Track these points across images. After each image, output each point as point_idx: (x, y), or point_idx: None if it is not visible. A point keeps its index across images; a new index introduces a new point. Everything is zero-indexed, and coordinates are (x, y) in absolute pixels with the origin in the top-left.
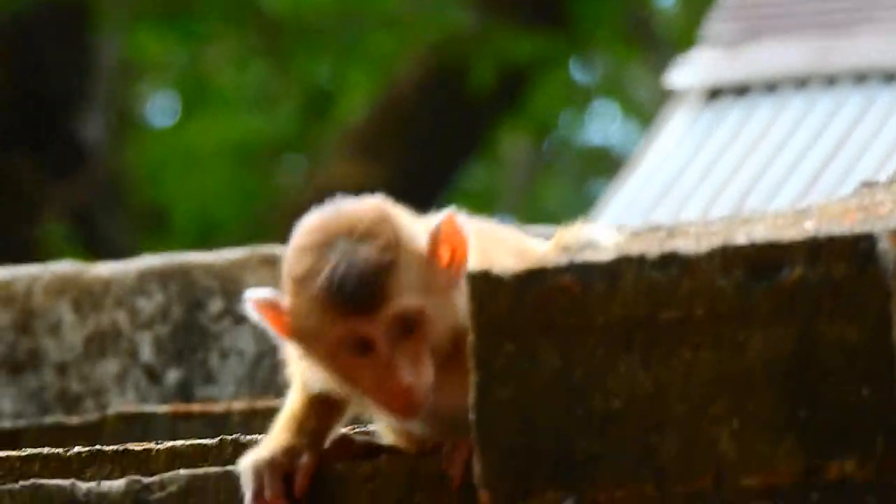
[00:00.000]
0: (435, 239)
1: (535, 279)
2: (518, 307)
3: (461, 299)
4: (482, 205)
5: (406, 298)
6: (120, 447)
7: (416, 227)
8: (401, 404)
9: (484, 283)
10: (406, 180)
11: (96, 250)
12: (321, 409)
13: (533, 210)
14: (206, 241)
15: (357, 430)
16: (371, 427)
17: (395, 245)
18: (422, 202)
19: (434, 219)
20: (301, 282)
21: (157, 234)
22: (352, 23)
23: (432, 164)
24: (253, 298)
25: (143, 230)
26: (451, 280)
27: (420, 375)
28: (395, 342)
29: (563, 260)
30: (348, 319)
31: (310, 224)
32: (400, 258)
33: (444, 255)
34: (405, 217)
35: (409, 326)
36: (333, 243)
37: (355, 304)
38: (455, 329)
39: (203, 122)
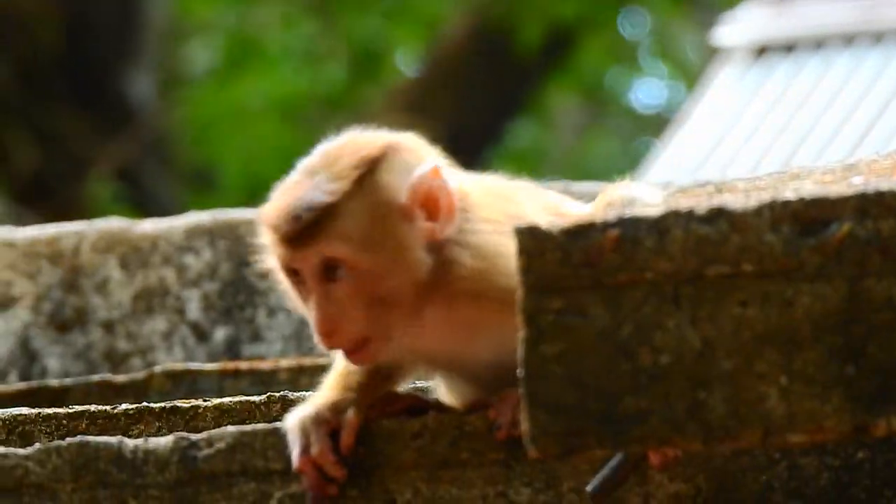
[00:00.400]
0: (413, 193)
1: (582, 234)
2: (565, 263)
3: (429, 258)
4: (529, 163)
5: (334, 246)
6: (167, 404)
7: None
8: (326, 343)
9: (530, 239)
10: (453, 138)
11: (144, 209)
12: (369, 366)
13: (580, 168)
14: (253, 198)
15: (411, 387)
16: (424, 385)
17: (350, 189)
18: (469, 159)
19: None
20: (264, 209)
21: (204, 192)
22: None
23: (480, 122)
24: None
25: (190, 188)
26: (430, 235)
27: (350, 321)
28: (322, 282)
29: (610, 215)
30: (280, 248)
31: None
32: (350, 203)
33: (425, 209)
34: (413, 165)
35: (339, 272)
36: (300, 178)
37: (284, 236)
38: (415, 277)
39: (250, 80)
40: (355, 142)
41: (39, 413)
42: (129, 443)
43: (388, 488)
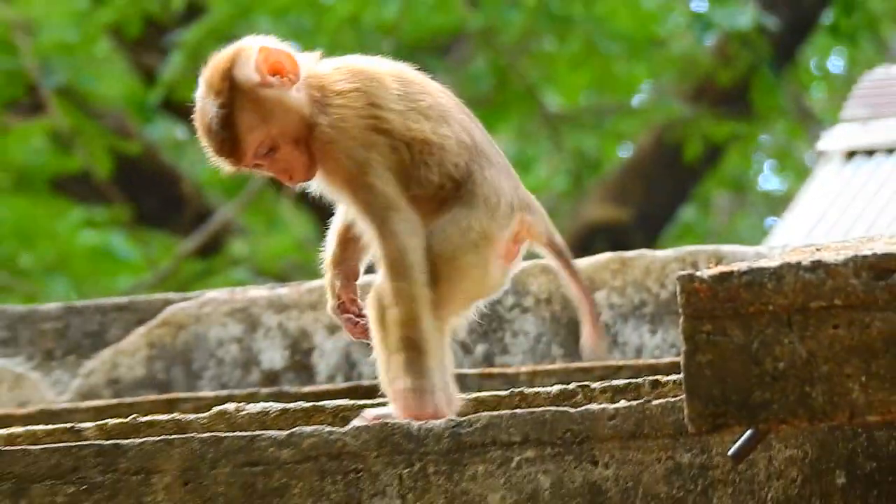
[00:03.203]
0: (259, 68)
1: (725, 279)
2: (713, 298)
3: (299, 94)
4: (695, 237)
5: (251, 141)
6: None
7: (253, 58)
8: (291, 183)
9: (689, 282)
10: (642, 219)
11: None
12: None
13: (731, 238)
14: None
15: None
16: None
17: (231, 96)
18: (653, 235)
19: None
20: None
21: None
22: (609, 112)
23: (661, 208)
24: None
25: None
26: (290, 83)
27: (295, 166)
28: (271, 158)
29: (744, 266)
30: (230, 162)
31: (209, 64)
32: (236, 103)
33: (276, 72)
34: (253, 49)
35: (271, 148)
36: (203, 101)
37: (225, 159)
38: (303, 120)
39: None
40: (218, 58)
41: (355, 404)
42: (416, 423)
43: (593, 454)
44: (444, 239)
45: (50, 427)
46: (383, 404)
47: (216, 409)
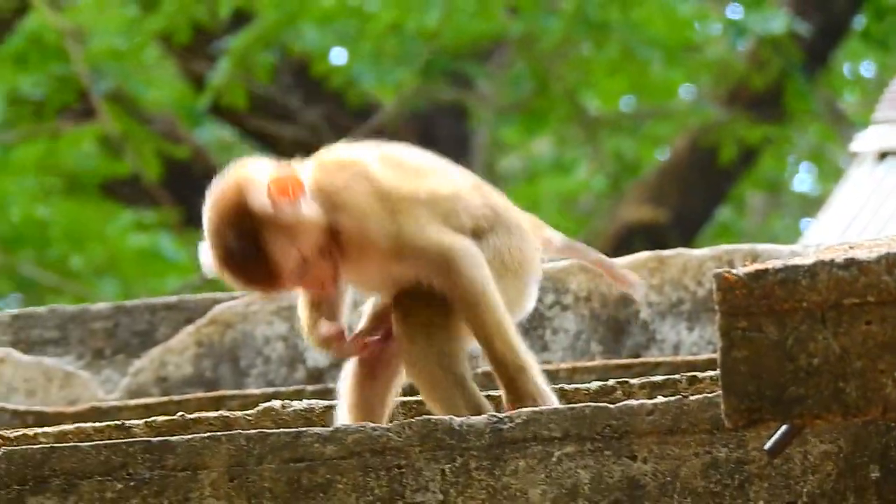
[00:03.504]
0: (271, 195)
1: (760, 277)
2: (749, 296)
3: (311, 206)
4: (730, 237)
5: (286, 266)
6: (485, 393)
7: (264, 181)
8: (324, 294)
9: (726, 280)
10: (679, 219)
11: None
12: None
13: (765, 238)
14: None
15: None
16: None
17: (252, 228)
18: (689, 235)
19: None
20: (216, 267)
21: None
22: (646, 116)
23: (697, 209)
24: (202, 253)
25: None
26: (301, 204)
27: (326, 275)
28: (304, 275)
29: (779, 264)
30: (264, 291)
31: (208, 205)
32: (261, 234)
33: (285, 193)
34: (256, 183)
35: (305, 263)
36: (222, 240)
37: (262, 288)
38: (321, 228)
39: (544, 182)
40: (223, 191)
41: (399, 401)
42: (457, 419)
43: (632, 449)
44: (488, 264)
45: (99, 424)
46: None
47: (262, 405)
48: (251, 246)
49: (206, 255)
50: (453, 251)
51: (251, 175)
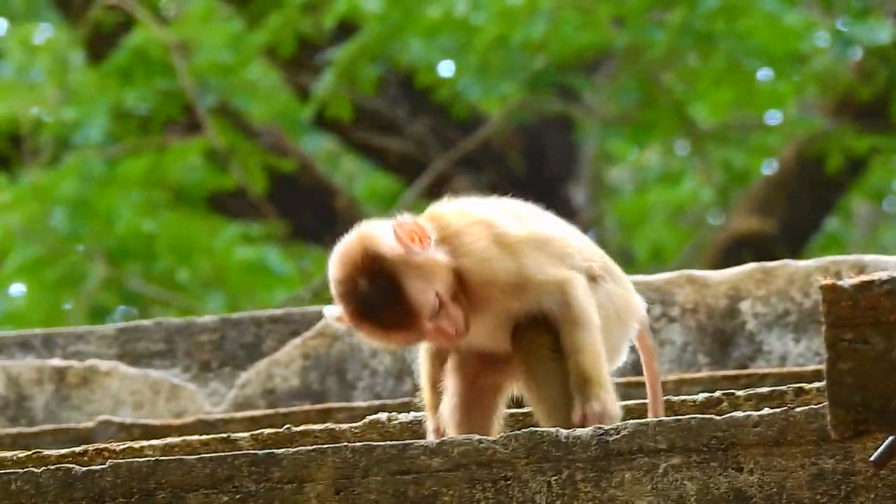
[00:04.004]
0: (400, 239)
1: (866, 289)
2: (855, 307)
3: (438, 254)
4: (838, 248)
5: (425, 305)
6: None
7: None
8: (453, 342)
9: (832, 292)
10: (787, 230)
11: None
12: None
13: (873, 249)
14: (654, 268)
15: None
16: None
17: (386, 270)
18: (797, 246)
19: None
20: (352, 321)
21: (627, 267)
22: (752, 127)
23: (804, 220)
24: (328, 314)
25: (617, 265)
26: (428, 249)
27: (458, 321)
28: (435, 321)
29: (885, 275)
30: (403, 340)
31: (335, 263)
32: (396, 276)
33: (412, 240)
34: (382, 232)
35: (440, 305)
36: (356, 290)
37: (401, 332)
38: (451, 268)
39: (652, 192)
40: (349, 245)
41: (506, 413)
42: (564, 432)
43: (738, 460)
44: (599, 307)
45: (206, 437)
46: (532, 412)
47: (369, 418)
48: (388, 290)
49: (339, 314)
50: (569, 281)
51: (374, 226)
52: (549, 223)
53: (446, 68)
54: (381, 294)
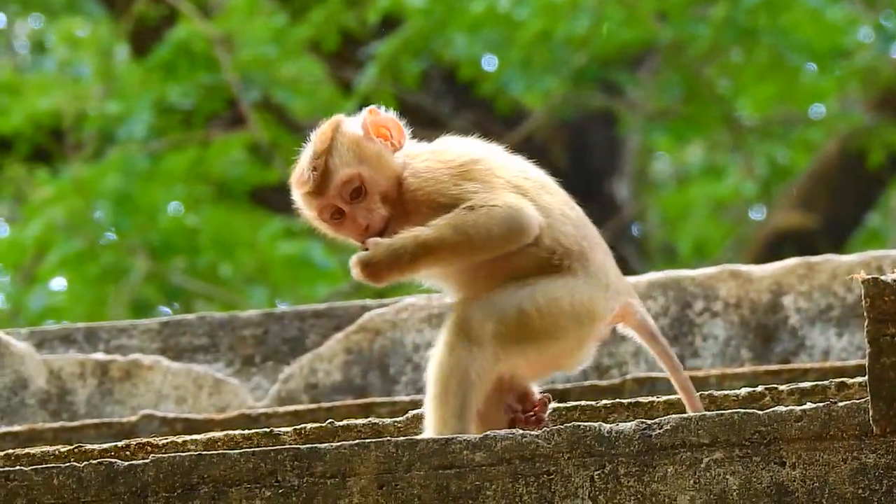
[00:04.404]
0: (365, 125)
1: None
2: None
3: (409, 172)
4: (878, 243)
5: (343, 171)
6: (633, 400)
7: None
8: (363, 238)
9: (874, 287)
10: (829, 225)
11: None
12: None
13: None
14: (697, 263)
15: None
16: None
17: (331, 142)
18: (839, 241)
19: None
20: (292, 184)
21: (669, 262)
22: (796, 122)
23: (847, 215)
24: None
25: (659, 260)
26: (389, 145)
27: (374, 218)
28: (350, 203)
29: None
30: (315, 200)
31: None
32: (337, 144)
33: (378, 132)
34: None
35: (357, 191)
36: (300, 160)
37: (313, 188)
38: (396, 178)
39: (695, 188)
40: (319, 128)
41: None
42: (606, 426)
43: (780, 455)
44: (552, 300)
45: (248, 432)
46: (574, 407)
47: (412, 413)
48: (323, 150)
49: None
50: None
51: (360, 112)
52: (535, 188)
53: (489, 63)
54: (313, 153)
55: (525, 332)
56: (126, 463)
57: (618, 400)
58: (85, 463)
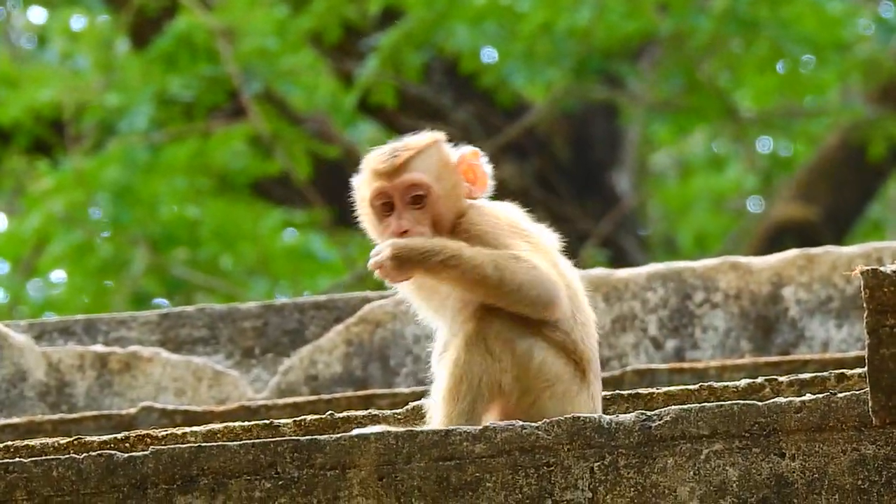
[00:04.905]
0: (461, 158)
1: None
2: None
3: (473, 210)
4: (878, 234)
5: (417, 175)
6: (633, 392)
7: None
8: (394, 234)
9: (873, 278)
10: (830, 217)
11: (621, 265)
12: None
13: None
14: (700, 255)
15: None
16: None
17: (425, 147)
18: (840, 232)
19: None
20: (366, 159)
21: (669, 254)
22: (796, 114)
23: (848, 206)
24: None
25: (659, 252)
26: (468, 189)
27: (416, 230)
28: (406, 204)
29: None
30: (379, 181)
31: None
32: (427, 154)
33: (467, 172)
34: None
35: (419, 198)
36: (389, 146)
37: (384, 170)
38: (455, 214)
39: (696, 180)
40: (421, 132)
41: None
42: (606, 417)
43: (780, 446)
44: (547, 368)
45: (248, 423)
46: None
47: (412, 404)
48: (416, 147)
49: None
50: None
51: (470, 148)
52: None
53: (488, 55)
54: (405, 148)
55: (524, 378)
56: (125, 455)
57: (617, 391)
58: (84, 455)
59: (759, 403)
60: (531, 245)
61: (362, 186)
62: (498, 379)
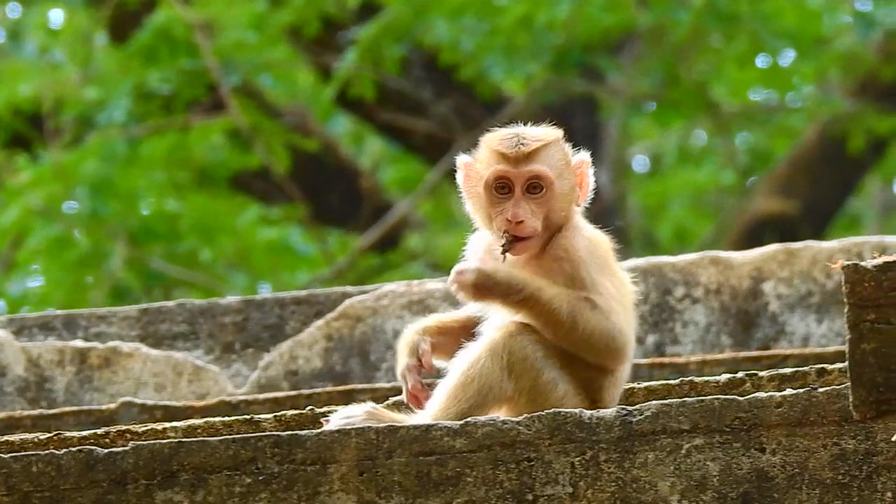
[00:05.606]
0: (579, 161)
1: (888, 269)
2: (877, 288)
3: (575, 230)
4: (856, 228)
5: (541, 168)
6: None
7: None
8: (512, 229)
9: (854, 273)
10: (809, 211)
11: None
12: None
13: (890, 228)
14: (679, 251)
15: None
16: None
17: (554, 142)
18: (819, 226)
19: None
20: (488, 140)
21: (650, 249)
22: (776, 109)
23: (827, 201)
24: (459, 160)
25: (640, 247)
26: (575, 191)
27: (530, 220)
28: (524, 192)
29: None
30: (502, 164)
31: None
32: (553, 148)
33: (579, 178)
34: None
35: (538, 189)
36: (516, 130)
37: (512, 155)
38: (563, 217)
39: (672, 176)
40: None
41: None
42: (587, 413)
43: (761, 441)
44: (565, 405)
45: (228, 419)
46: None
47: (392, 399)
48: (549, 137)
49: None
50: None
51: (587, 155)
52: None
53: (468, 46)
54: (535, 138)
55: (538, 406)
56: (106, 450)
57: None
58: (64, 450)
59: (740, 398)
60: (615, 287)
61: (481, 166)
62: (508, 397)
